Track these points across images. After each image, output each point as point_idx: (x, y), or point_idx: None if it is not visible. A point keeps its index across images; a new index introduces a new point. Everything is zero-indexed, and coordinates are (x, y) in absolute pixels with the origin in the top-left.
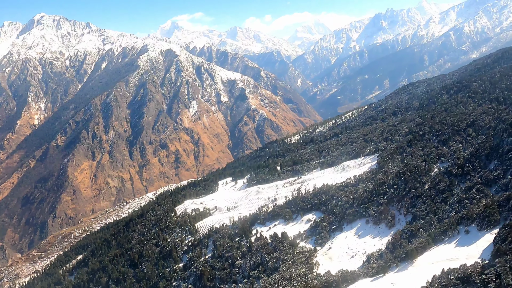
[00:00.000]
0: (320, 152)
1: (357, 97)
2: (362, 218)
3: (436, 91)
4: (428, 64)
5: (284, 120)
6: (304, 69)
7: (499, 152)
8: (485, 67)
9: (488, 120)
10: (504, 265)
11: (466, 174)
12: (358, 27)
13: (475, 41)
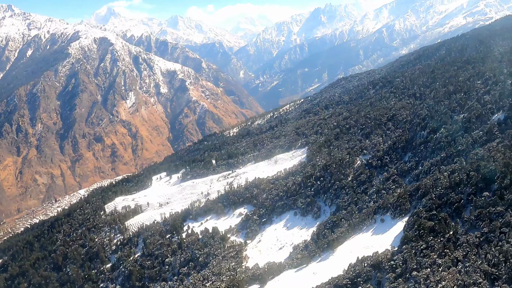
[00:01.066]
0: (255, 145)
1: (297, 90)
2: (291, 210)
3: (364, 86)
4: (363, 59)
5: (226, 112)
6: (246, 61)
7: (412, 145)
8: (408, 64)
9: (405, 115)
10: (410, 251)
11: (385, 165)
12: (298, 20)
13: (405, 38)
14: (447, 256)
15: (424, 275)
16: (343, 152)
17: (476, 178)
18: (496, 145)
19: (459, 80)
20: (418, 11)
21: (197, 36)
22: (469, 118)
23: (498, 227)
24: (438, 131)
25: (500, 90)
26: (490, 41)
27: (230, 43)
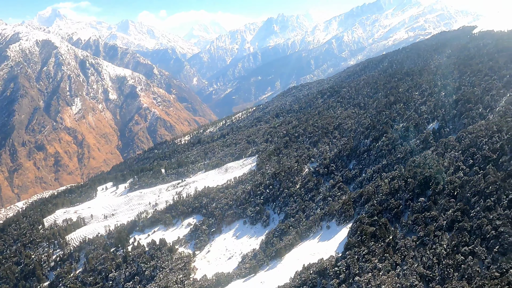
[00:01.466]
0: (206, 154)
1: (251, 97)
2: (240, 219)
3: (313, 95)
4: (314, 68)
5: (178, 119)
6: (200, 68)
7: (357, 153)
8: (354, 75)
9: (351, 124)
10: (352, 257)
11: (331, 173)
12: (252, 29)
13: (353, 49)
14: (387, 260)
15: (365, 280)
16: (292, 160)
17: (413, 185)
18: (431, 153)
19: (399, 91)
20: (365, 25)
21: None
22: (408, 127)
23: (433, 231)
24: (380, 139)
25: (435, 101)
26: (427, 55)
27: (183, 50)
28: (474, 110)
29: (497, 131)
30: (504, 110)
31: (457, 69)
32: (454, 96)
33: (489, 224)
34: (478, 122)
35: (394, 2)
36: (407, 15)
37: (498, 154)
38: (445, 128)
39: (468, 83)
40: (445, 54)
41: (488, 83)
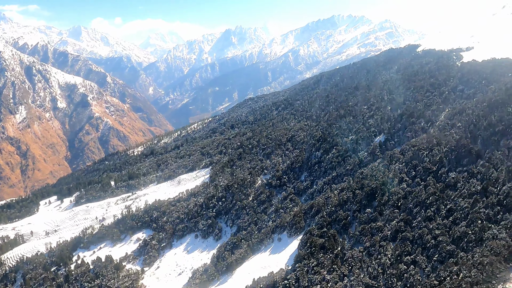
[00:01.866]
0: (159, 166)
1: (208, 108)
2: (192, 232)
3: (268, 107)
4: (271, 80)
5: (133, 129)
6: (156, 77)
7: (308, 165)
8: (308, 88)
9: (303, 136)
10: (302, 269)
11: (283, 185)
12: (210, 40)
13: (308, 63)
14: (335, 271)
15: None
16: (245, 172)
17: (361, 196)
18: (377, 165)
19: (349, 104)
20: (319, 39)
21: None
22: (357, 140)
23: (378, 241)
24: (331, 151)
25: (381, 115)
26: (376, 71)
27: (139, 58)
28: (417, 124)
29: (436, 144)
30: (443, 125)
31: (402, 85)
32: (399, 110)
33: (429, 234)
34: (420, 135)
35: (347, 19)
36: (359, 32)
37: (437, 166)
38: (391, 141)
39: (411, 98)
40: (392, 70)
41: (429, 99)
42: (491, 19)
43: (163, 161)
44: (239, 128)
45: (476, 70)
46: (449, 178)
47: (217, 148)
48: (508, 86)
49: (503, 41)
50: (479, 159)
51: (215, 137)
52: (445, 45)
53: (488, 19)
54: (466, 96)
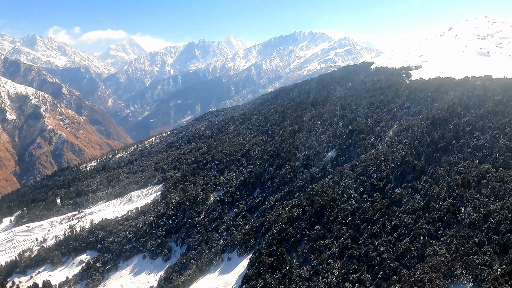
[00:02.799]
0: (109, 182)
1: (170, 121)
2: (140, 253)
3: (226, 121)
4: (234, 94)
5: (89, 143)
6: (116, 89)
7: (261, 181)
8: (266, 102)
9: (257, 151)
10: None
11: (236, 201)
12: (173, 52)
13: (271, 77)
14: None
15: None
16: (198, 188)
17: (310, 213)
18: (328, 181)
19: (303, 120)
20: (282, 55)
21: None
22: (309, 156)
23: (326, 259)
24: (284, 167)
25: (334, 131)
26: (331, 87)
27: (99, 69)
28: (367, 140)
29: (384, 160)
30: (391, 140)
31: (354, 101)
32: (350, 126)
33: (375, 251)
34: (369, 151)
35: (308, 35)
36: (320, 48)
37: (384, 182)
38: (342, 157)
39: (362, 114)
40: (346, 87)
41: (379, 115)
42: (439, 40)
43: (115, 177)
44: (196, 142)
45: (422, 88)
46: (395, 194)
47: (171, 163)
48: (450, 104)
49: (448, 61)
50: (423, 175)
51: (171, 151)
52: (397, 63)
53: (436, 40)
54: (412, 113)
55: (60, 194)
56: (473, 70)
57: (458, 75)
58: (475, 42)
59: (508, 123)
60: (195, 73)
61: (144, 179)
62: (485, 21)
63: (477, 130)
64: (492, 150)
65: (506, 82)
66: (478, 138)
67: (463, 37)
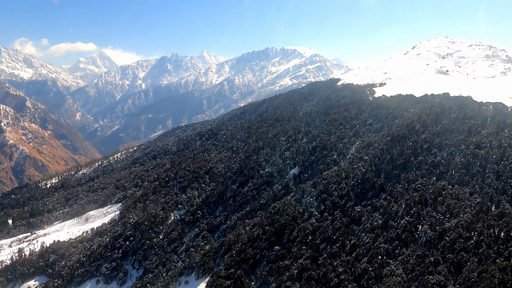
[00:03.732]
0: (67, 200)
1: (140, 136)
2: (93, 277)
3: (192, 137)
4: (207, 108)
5: (53, 158)
6: (85, 102)
7: (224, 199)
8: (235, 117)
9: (221, 168)
10: None
11: (197, 221)
12: (145, 66)
13: (243, 92)
14: None
15: None
16: (158, 207)
17: (270, 233)
18: (290, 199)
19: (268, 136)
20: (254, 70)
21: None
22: (272, 173)
23: (284, 281)
24: (247, 185)
25: (297, 147)
26: (298, 103)
27: (67, 82)
28: (329, 156)
29: (345, 177)
30: (353, 157)
31: (319, 118)
32: (314, 142)
33: (333, 272)
34: (332, 168)
35: (280, 52)
36: (291, 64)
37: (345, 199)
38: (305, 174)
39: (326, 131)
40: (312, 103)
41: (342, 132)
42: (403, 58)
43: (74, 195)
44: (161, 158)
45: (384, 105)
46: (355, 212)
47: (133, 180)
48: (409, 121)
49: (410, 78)
50: (382, 192)
51: (134, 168)
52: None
53: (400, 58)
54: (374, 130)
55: (12, 214)
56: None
57: (419, 92)
58: (436, 61)
59: (463, 140)
60: (167, 87)
61: (103, 197)
62: (445, 41)
63: (434, 147)
64: (448, 167)
65: (462, 100)
66: (435, 155)
67: (425, 56)
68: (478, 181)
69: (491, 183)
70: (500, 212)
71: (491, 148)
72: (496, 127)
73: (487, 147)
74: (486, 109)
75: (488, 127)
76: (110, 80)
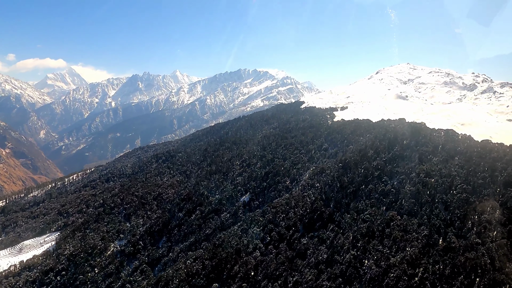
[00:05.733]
0: (4, 228)
1: (107, 155)
2: None
3: (149, 159)
4: (177, 128)
5: (10, 178)
6: (51, 119)
7: (168, 228)
8: (196, 139)
9: (171, 194)
10: None
11: (137, 252)
12: (115, 84)
13: (215, 112)
14: None
15: None
16: (98, 236)
17: (210, 267)
18: (236, 229)
19: (223, 160)
20: (226, 91)
21: None
22: (221, 200)
23: None
24: (194, 213)
25: (250, 172)
26: (258, 125)
27: (33, 99)
28: (282, 183)
29: (294, 206)
30: (305, 184)
31: (275, 141)
32: (267, 167)
33: None
34: (284, 195)
35: (253, 73)
36: (263, 86)
37: (292, 230)
38: (255, 201)
39: (281, 155)
40: (272, 126)
41: (296, 157)
42: (366, 83)
43: (13, 221)
44: (114, 181)
45: (341, 130)
46: (300, 245)
47: (78, 206)
48: (362, 147)
49: (371, 103)
50: (330, 223)
51: (84, 191)
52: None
53: (364, 82)
54: (329, 155)
55: None
56: (392, 112)
57: (377, 117)
58: (397, 86)
59: (414, 168)
60: (137, 106)
61: (43, 225)
62: (407, 67)
63: (385, 175)
64: (398, 195)
65: (415, 126)
66: (385, 183)
67: (388, 81)
68: (427, 212)
69: (439, 214)
70: (446, 246)
71: (440, 177)
72: (446, 154)
73: (436, 175)
74: (438, 136)
75: (439, 155)
76: (79, 97)
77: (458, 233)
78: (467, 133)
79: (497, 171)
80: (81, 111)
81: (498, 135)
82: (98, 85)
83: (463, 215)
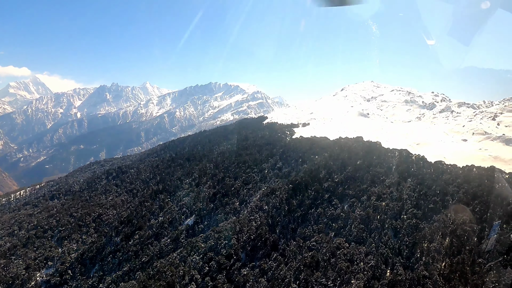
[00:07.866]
0: None
1: (69, 168)
2: None
3: (99, 175)
4: (144, 141)
5: None
6: (10, 130)
7: (102, 255)
8: (154, 154)
9: (111, 215)
10: None
11: (65, 283)
12: (82, 94)
13: (184, 125)
14: None
15: None
16: (23, 264)
17: None
18: (175, 256)
19: (173, 177)
20: (196, 104)
21: None
22: (163, 223)
23: None
24: (132, 237)
25: (197, 193)
26: (217, 141)
27: None
28: (230, 204)
29: (239, 231)
30: (254, 206)
31: (229, 159)
32: (216, 187)
33: None
34: (231, 218)
35: (224, 87)
36: (234, 100)
37: (233, 259)
38: (200, 224)
39: (233, 174)
40: (230, 142)
41: (248, 175)
42: (331, 99)
43: None
44: (59, 199)
45: (297, 147)
46: (239, 277)
47: (10, 227)
48: (315, 167)
49: (333, 119)
50: (274, 251)
51: (24, 210)
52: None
53: (329, 99)
54: (282, 175)
55: None
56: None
57: (336, 134)
58: (361, 103)
59: (365, 190)
60: (104, 118)
61: None
62: (371, 85)
63: (336, 197)
64: (347, 221)
65: (369, 145)
66: (335, 207)
67: (352, 98)
68: (375, 239)
69: (388, 241)
70: (392, 280)
71: (391, 200)
72: (399, 176)
73: (388, 199)
74: (392, 156)
75: (392, 176)
76: (42, 107)
77: (406, 264)
78: (422, 153)
79: (448, 194)
80: (43, 122)
81: (453, 156)
82: (64, 95)
83: (412, 242)
